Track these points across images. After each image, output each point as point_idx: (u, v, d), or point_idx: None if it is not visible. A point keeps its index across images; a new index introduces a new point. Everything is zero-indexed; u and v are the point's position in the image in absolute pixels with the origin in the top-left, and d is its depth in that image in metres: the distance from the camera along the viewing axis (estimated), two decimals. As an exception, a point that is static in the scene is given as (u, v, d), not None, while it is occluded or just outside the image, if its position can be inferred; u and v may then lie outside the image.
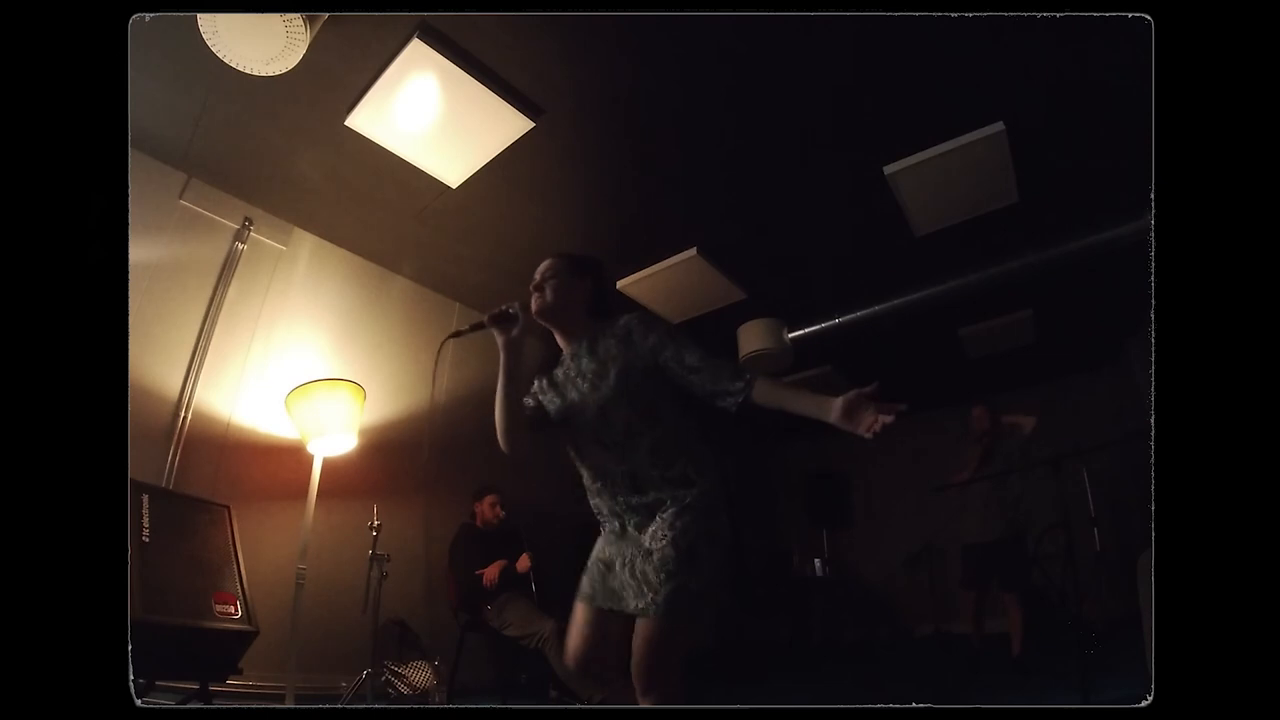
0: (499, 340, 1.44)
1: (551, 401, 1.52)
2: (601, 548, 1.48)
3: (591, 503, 1.51)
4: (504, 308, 1.46)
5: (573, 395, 1.47)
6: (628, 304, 4.22)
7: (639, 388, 1.40)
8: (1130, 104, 2.53)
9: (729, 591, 1.38)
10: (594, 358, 1.46)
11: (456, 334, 1.58)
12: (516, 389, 1.45)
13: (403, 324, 3.85)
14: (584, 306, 1.53)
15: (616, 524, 1.44)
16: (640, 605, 1.25)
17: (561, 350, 1.56)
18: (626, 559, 1.35)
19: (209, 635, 2.09)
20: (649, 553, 1.30)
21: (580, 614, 1.45)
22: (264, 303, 3.27)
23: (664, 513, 1.33)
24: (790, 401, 1.35)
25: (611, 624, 1.40)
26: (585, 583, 1.47)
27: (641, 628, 1.24)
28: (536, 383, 1.59)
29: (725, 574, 1.32)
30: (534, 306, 1.49)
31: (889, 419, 1.20)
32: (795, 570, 6.05)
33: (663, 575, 1.25)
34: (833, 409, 1.25)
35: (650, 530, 1.33)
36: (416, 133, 2.76)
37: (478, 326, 1.51)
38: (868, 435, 1.21)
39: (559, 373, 1.54)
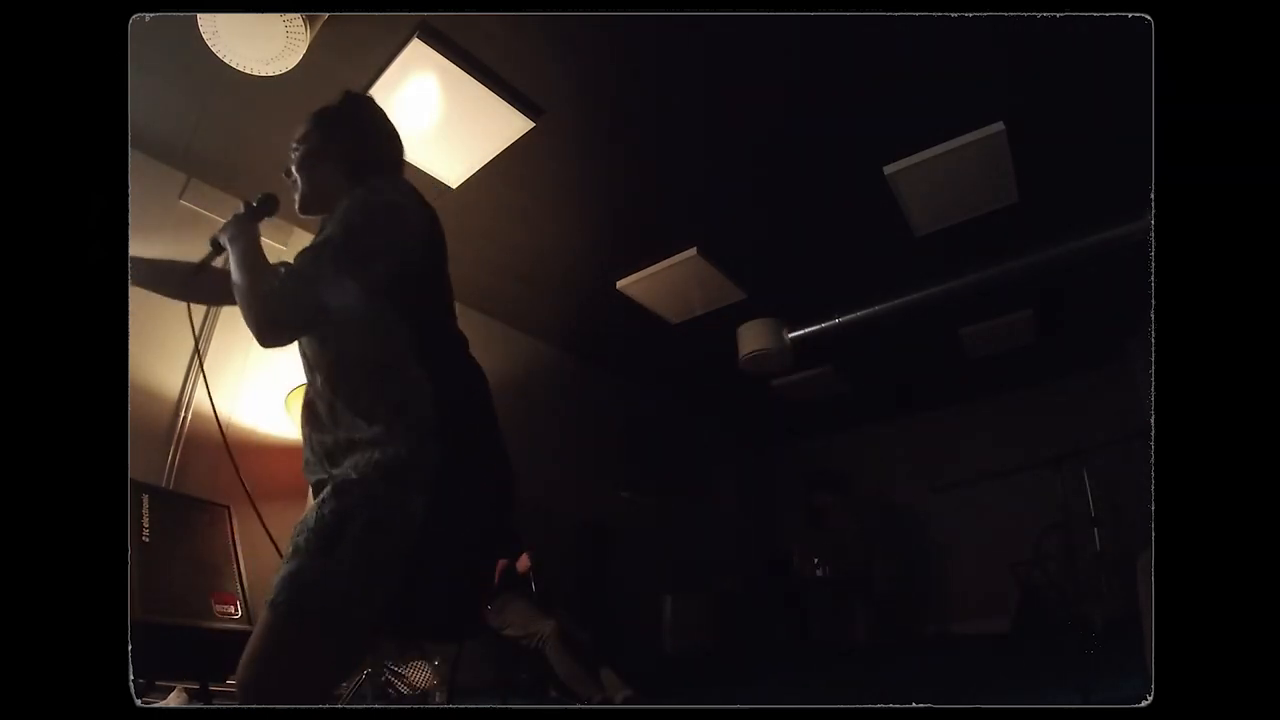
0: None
1: None
2: None
3: None
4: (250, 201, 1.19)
5: None
6: (621, 299, 4.22)
7: None
8: (1130, 104, 2.54)
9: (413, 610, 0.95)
10: None
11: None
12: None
13: (403, 324, 3.84)
14: (342, 182, 1.16)
15: (315, 483, 1.09)
16: None
17: None
18: None
19: (209, 635, 2.09)
20: None
21: None
22: (264, 303, 3.27)
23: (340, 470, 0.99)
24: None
25: None
26: None
27: None
28: None
29: (387, 576, 0.91)
30: (296, 201, 1.21)
31: None
32: (795, 570, 6.06)
33: (290, 550, 0.94)
34: None
35: None
36: (416, 133, 2.76)
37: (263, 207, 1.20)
38: None
39: None
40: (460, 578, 1.00)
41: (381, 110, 1.28)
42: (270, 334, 0.98)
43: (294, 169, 1.21)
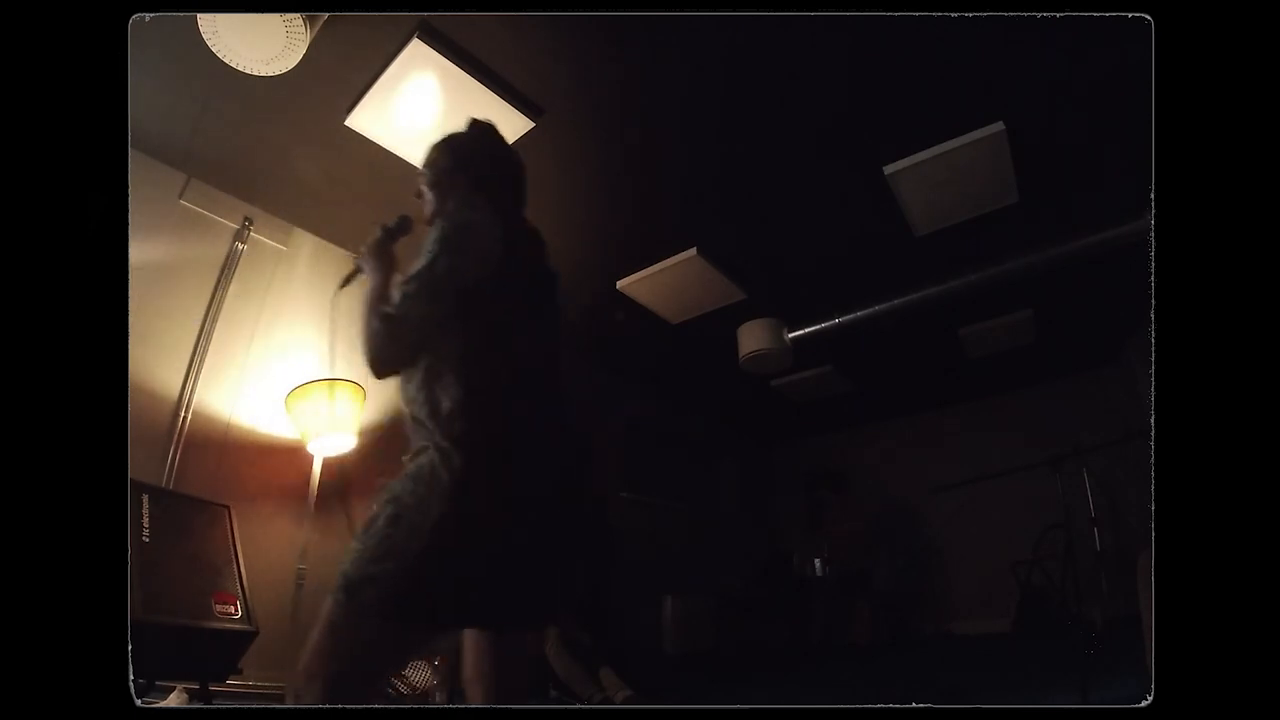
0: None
1: None
2: None
3: None
4: (387, 225, 1.37)
5: None
6: (621, 299, 4.22)
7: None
8: (1130, 104, 2.53)
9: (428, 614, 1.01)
10: None
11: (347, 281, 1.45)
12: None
13: (403, 324, 3.84)
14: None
15: None
16: None
17: None
18: None
19: (209, 635, 2.08)
20: None
21: None
22: (264, 303, 3.27)
23: None
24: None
25: None
26: None
27: None
28: None
29: (395, 564, 0.97)
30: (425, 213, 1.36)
31: None
32: (795, 570, 6.06)
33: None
34: None
35: None
36: (416, 133, 2.76)
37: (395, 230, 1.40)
38: None
39: None
40: (475, 580, 1.02)
41: (498, 135, 1.44)
42: (375, 370, 1.12)
43: (423, 188, 1.38)
